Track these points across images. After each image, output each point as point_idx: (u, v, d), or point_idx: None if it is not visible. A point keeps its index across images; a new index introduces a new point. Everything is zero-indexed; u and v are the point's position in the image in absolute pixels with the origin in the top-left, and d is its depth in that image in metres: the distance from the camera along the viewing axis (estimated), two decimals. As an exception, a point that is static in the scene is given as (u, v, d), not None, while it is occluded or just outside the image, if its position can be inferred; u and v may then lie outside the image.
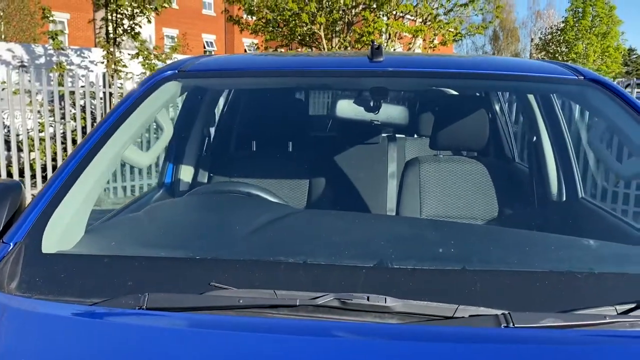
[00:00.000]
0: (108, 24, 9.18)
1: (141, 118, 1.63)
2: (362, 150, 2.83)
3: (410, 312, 1.04)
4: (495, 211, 2.18)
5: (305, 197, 2.39)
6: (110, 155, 1.51)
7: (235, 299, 1.06)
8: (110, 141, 1.52)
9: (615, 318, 1.02)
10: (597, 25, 23.29)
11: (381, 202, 2.58)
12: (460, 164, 2.28)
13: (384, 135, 3.04)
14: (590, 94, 1.67)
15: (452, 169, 2.26)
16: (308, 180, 2.41)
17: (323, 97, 4.08)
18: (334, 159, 2.70)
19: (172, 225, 1.54)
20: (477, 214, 2.19)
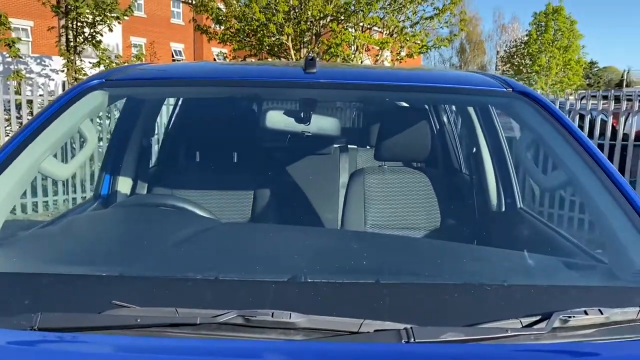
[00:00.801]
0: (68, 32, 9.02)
1: (62, 128, 1.57)
2: (313, 161, 2.81)
3: (315, 328, 1.02)
4: (437, 221, 2.19)
5: (249, 210, 2.35)
6: (24, 166, 1.45)
7: (133, 318, 1.01)
8: (26, 152, 1.46)
9: (518, 331, 1.01)
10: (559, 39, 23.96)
11: (332, 212, 2.57)
12: (404, 175, 2.29)
13: (336, 146, 3.04)
14: (517, 106, 1.68)
15: (396, 180, 2.27)
16: (252, 192, 2.37)
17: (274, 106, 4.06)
18: (283, 169, 2.68)
19: (84, 240, 1.49)
20: (420, 224, 2.20)
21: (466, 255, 1.42)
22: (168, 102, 3.32)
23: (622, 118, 6.62)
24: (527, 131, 1.76)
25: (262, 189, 2.37)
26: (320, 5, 11.81)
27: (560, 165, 1.56)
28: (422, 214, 2.20)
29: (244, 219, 2.32)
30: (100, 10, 8.68)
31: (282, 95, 2.26)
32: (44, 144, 1.51)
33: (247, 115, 2.66)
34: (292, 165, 2.72)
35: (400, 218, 2.20)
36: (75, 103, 1.62)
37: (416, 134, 2.24)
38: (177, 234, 1.43)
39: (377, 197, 2.24)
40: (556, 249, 1.68)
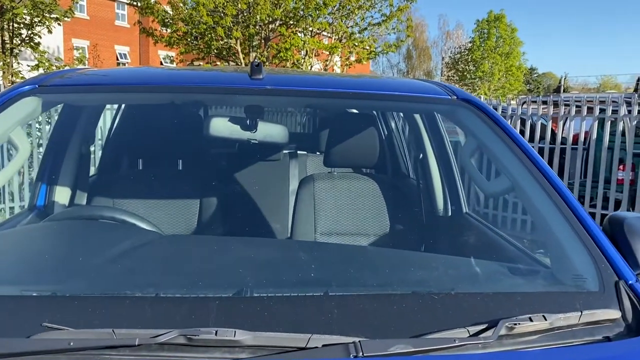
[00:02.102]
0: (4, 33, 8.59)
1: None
2: (262, 167, 2.77)
3: (262, 345, 0.98)
4: (386, 227, 2.19)
5: (195, 219, 2.28)
6: None
7: (65, 342, 0.95)
8: None
9: (466, 340, 1.01)
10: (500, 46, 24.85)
11: (282, 220, 2.53)
12: (354, 181, 2.28)
13: (285, 152, 3.00)
14: (461, 113, 1.71)
15: (345, 186, 2.25)
16: (198, 200, 2.30)
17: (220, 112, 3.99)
18: (230, 177, 2.62)
19: (13, 258, 1.39)
20: (370, 230, 2.19)
21: (415, 264, 1.42)
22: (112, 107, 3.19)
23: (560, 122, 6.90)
24: (470, 138, 1.78)
25: (209, 198, 2.30)
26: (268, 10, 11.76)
27: (503, 171, 1.59)
28: (371, 220, 2.20)
29: (190, 230, 2.25)
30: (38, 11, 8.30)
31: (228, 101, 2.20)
32: None
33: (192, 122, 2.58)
34: (240, 173, 2.66)
35: (350, 224, 2.19)
36: (6, 110, 1.52)
37: (365, 140, 2.24)
38: (115, 248, 1.36)
39: (327, 203, 2.22)
40: (502, 255, 1.71)
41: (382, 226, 2.19)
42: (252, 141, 2.30)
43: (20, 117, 1.58)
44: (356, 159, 2.30)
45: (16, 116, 1.56)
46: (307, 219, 2.20)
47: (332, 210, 2.20)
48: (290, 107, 2.82)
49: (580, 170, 6.80)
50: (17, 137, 1.60)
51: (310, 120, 4.25)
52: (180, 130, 2.37)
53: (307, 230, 2.17)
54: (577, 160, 6.80)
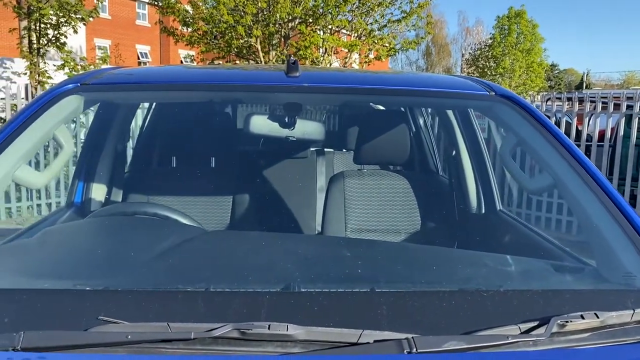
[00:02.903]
0: (31, 34, 8.74)
1: (36, 134, 1.50)
2: (290, 164, 2.78)
3: (313, 340, 0.99)
4: (418, 224, 2.19)
5: (228, 216, 2.31)
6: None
7: (122, 335, 0.97)
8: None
9: (518, 337, 1.01)
10: (521, 42, 24.51)
11: (310, 217, 2.54)
12: (384, 178, 2.28)
13: (313, 150, 3.01)
14: (500, 110, 1.69)
15: (375, 183, 2.25)
16: (231, 197, 2.33)
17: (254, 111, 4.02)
18: (260, 174, 2.64)
19: (64, 252, 1.42)
20: (401, 227, 2.19)
21: (458, 261, 1.42)
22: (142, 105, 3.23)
23: (586, 119, 6.80)
24: (509, 134, 1.77)
25: (241, 194, 2.33)
26: (288, 8, 11.77)
27: (545, 168, 1.58)
28: (402, 218, 2.20)
29: (223, 225, 2.27)
30: (64, 12, 8.43)
31: (265, 99, 2.22)
32: (17, 152, 1.44)
33: (225, 119, 2.61)
34: (269, 170, 2.68)
35: (381, 222, 2.19)
36: (50, 108, 1.56)
37: (396, 137, 2.24)
38: (162, 244, 1.38)
39: (357, 200, 2.22)
40: (542, 252, 1.70)
41: (413, 224, 2.18)
42: (290, 138, 2.31)
43: (63, 115, 1.61)
44: (386, 156, 2.29)
45: (60, 114, 1.59)
46: (337, 216, 2.20)
47: (362, 208, 2.21)
48: (327, 105, 2.83)
49: (606, 168, 6.69)
50: (61, 135, 1.63)
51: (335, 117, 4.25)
52: (213, 128, 2.40)
53: (337, 227, 2.17)
54: (602, 158, 6.70)
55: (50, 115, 1.55)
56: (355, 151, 2.30)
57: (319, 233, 2.29)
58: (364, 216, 2.20)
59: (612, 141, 6.82)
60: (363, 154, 2.25)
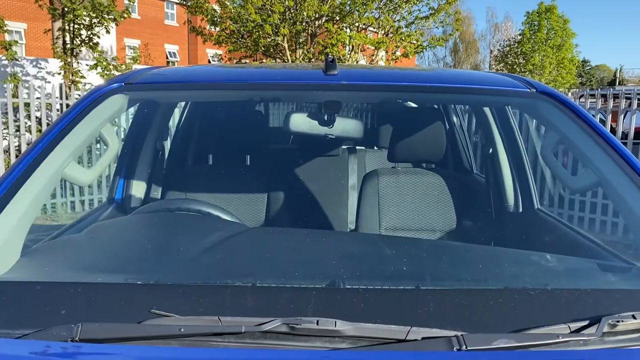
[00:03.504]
0: (65, 34, 8.95)
1: (84, 132, 1.55)
2: (322, 162, 2.80)
3: (362, 336, 1.00)
4: (453, 223, 2.17)
5: (263, 212, 2.33)
6: (49, 172, 1.42)
7: (176, 328, 0.99)
8: (49, 158, 1.43)
9: (568, 337, 1.00)
10: (552, 38, 24.06)
11: (342, 214, 2.55)
12: (418, 176, 2.27)
13: (344, 148, 3.02)
14: (541, 107, 1.67)
15: (410, 181, 2.25)
16: (266, 194, 2.35)
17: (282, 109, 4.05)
18: (293, 172, 2.66)
19: (113, 248, 1.46)
20: (436, 226, 2.18)
21: (502, 259, 1.41)
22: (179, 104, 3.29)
23: (620, 116, 6.64)
24: (551, 132, 1.74)
25: (276, 192, 2.35)
26: (315, 6, 11.79)
27: (589, 166, 1.55)
28: (437, 216, 2.19)
29: (258, 222, 2.30)
30: (97, 12, 8.61)
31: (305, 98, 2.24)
32: (67, 149, 1.48)
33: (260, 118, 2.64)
34: (302, 168, 2.70)
35: (416, 220, 2.19)
36: (96, 107, 1.60)
37: (431, 134, 2.23)
38: (207, 239, 1.41)
39: (391, 198, 2.22)
40: (585, 251, 1.67)
41: (448, 222, 2.17)
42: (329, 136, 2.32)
43: (109, 113, 1.65)
44: (421, 154, 2.28)
45: (106, 113, 1.63)
46: (371, 213, 2.20)
47: (397, 206, 2.20)
48: (365, 102, 2.83)
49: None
50: (107, 133, 1.67)
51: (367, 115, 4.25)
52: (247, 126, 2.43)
53: (371, 225, 2.17)
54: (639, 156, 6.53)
55: (97, 114, 1.59)
56: (390, 149, 2.30)
57: (353, 230, 2.29)
58: (398, 214, 2.20)
59: (648, 138, 6.66)
60: (397, 151, 2.25)
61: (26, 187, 1.35)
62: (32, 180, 1.37)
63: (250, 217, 2.30)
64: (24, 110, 6.73)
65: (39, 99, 6.92)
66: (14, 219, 1.31)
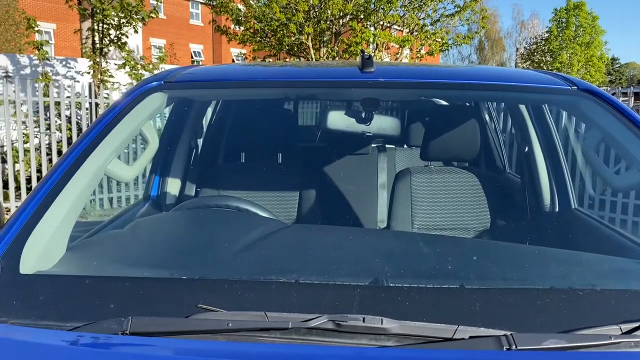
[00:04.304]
0: (94, 34, 9.11)
1: (126, 130, 1.57)
2: (352, 161, 2.79)
3: (408, 334, 1.00)
4: (487, 222, 2.15)
5: (295, 210, 2.34)
6: (93, 168, 1.45)
7: (223, 322, 1.00)
8: (94, 154, 1.46)
9: (620, 338, 0.98)
10: (580, 35, 23.61)
11: (372, 213, 2.54)
12: (452, 175, 2.25)
13: (374, 146, 3.01)
14: (584, 105, 1.64)
15: (443, 180, 2.23)
16: (298, 192, 2.36)
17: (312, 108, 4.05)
18: (324, 170, 2.66)
19: (157, 243, 1.48)
20: (470, 225, 2.16)
21: (547, 258, 1.39)
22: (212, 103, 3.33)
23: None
24: (594, 130, 1.71)
25: (307, 189, 2.36)
26: (340, 4, 11.77)
27: (635, 165, 1.52)
28: (471, 215, 2.16)
29: (290, 219, 2.31)
30: (126, 12, 8.75)
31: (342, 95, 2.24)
32: (109, 146, 1.51)
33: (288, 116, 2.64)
34: (331, 166, 2.70)
35: (449, 219, 2.17)
36: (137, 105, 1.62)
37: (464, 133, 2.20)
38: (248, 235, 1.42)
39: (424, 197, 2.21)
40: (628, 252, 1.64)
41: (482, 222, 2.15)
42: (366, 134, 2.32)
43: (149, 111, 1.67)
44: (454, 152, 2.26)
45: (146, 111, 1.66)
46: (404, 212, 2.19)
47: (429, 204, 2.19)
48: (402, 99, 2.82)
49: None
50: (147, 131, 1.69)
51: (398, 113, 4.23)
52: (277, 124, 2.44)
53: (404, 224, 2.16)
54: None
55: (138, 112, 1.62)
56: (422, 147, 2.28)
57: (384, 229, 2.28)
58: (431, 213, 2.18)
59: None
60: (430, 150, 2.23)
61: (71, 184, 1.38)
62: (77, 177, 1.40)
63: (282, 214, 2.31)
64: (54, 109, 6.87)
65: (68, 97, 7.05)
66: (60, 215, 1.34)
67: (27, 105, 6.70)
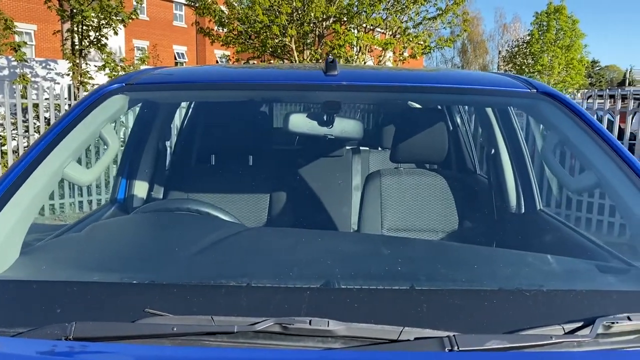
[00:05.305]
0: (74, 36, 9.02)
1: (84, 133, 1.56)
2: (326, 163, 2.80)
3: (354, 336, 1.00)
4: (455, 224, 2.17)
5: (265, 213, 2.34)
6: (49, 172, 1.43)
7: (168, 327, 0.99)
8: (50, 157, 1.44)
9: (561, 338, 0.99)
10: (561, 38, 23.91)
11: (345, 215, 2.55)
12: (421, 177, 2.26)
13: (348, 148, 3.02)
14: (542, 107, 1.66)
15: (412, 182, 2.24)
16: (268, 195, 2.36)
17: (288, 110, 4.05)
18: (296, 172, 2.66)
19: (111, 247, 1.47)
20: (438, 226, 2.18)
21: (499, 259, 1.40)
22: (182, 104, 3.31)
23: (629, 117, 6.58)
24: (552, 132, 1.73)
25: (278, 192, 2.36)
26: (323, 7, 11.80)
27: (590, 167, 1.54)
28: (439, 217, 2.18)
29: (260, 222, 2.30)
30: (105, 14, 8.68)
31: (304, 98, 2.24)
32: (67, 149, 1.49)
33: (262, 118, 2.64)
34: (305, 168, 2.70)
35: (418, 220, 2.18)
36: (97, 107, 1.61)
37: (433, 135, 2.22)
38: (204, 239, 1.42)
39: (394, 199, 2.22)
40: (585, 252, 1.66)
41: (450, 223, 2.17)
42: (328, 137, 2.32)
43: (109, 114, 1.66)
44: (423, 154, 2.28)
45: (106, 113, 1.64)
46: (373, 214, 2.20)
47: (399, 206, 2.20)
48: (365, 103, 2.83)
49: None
50: (107, 134, 1.68)
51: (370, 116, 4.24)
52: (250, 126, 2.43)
53: (373, 226, 2.17)
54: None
55: (97, 114, 1.60)
56: (392, 149, 2.29)
57: (355, 231, 2.29)
58: (401, 215, 2.19)
59: (656, 140, 6.59)
60: (400, 152, 2.24)
61: (25, 186, 1.36)
62: (32, 180, 1.38)
63: (253, 217, 2.31)
64: (32, 111, 6.78)
65: (47, 99, 6.97)
66: (13, 218, 1.32)
67: (4, 107, 6.61)
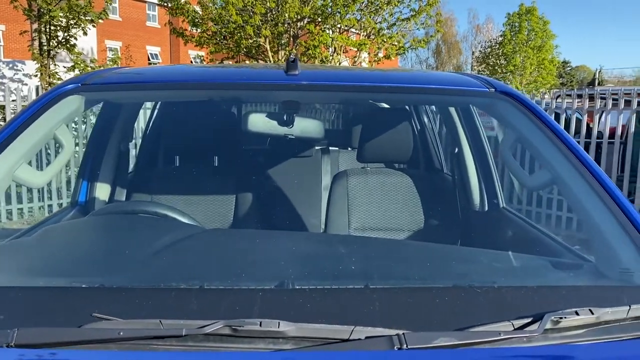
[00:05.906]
0: (41, 36, 8.84)
1: (37, 134, 1.52)
2: (295, 163, 2.79)
3: (305, 336, 0.99)
4: (421, 222, 2.18)
5: (231, 215, 2.32)
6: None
7: (115, 331, 0.97)
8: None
9: (510, 334, 1.00)
10: (532, 39, 24.34)
11: (315, 215, 2.54)
12: (387, 176, 2.27)
13: (317, 149, 3.01)
14: (500, 106, 1.68)
15: (379, 181, 2.25)
16: (234, 196, 2.34)
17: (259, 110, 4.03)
18: (264, 173, 2.64)
19: (62, 251, 1.43)
20: (404, 225, 2.19)
21: (454, 257, 1.41)
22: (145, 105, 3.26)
23: (596, 116, 6.72)
24: (510, 131, 1.76)
25: (244, 193, 2.33)
26: (297, 7, 11.79)
27: (545, 165, 1.56)
28: (406, 215, 2.19)
29: (226, 224, 2.28)
30: (74, 14, 8.52)
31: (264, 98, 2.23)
32: (18, 151, 1.46)
33: (227, 118, 2.62)
34: (273, 169, 2.69)
35: (384, 220, 2.19)
36: (50, 108, 1.57)
37: (399, 135, 2.23)
38: (158, 242, 1.39)
39: (361, 199, 2.22)
40: (542, 249, 1.68)
41: (416, 221, 2.18)
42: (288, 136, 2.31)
43: (64, 115, 1.62)
44: (390, 154, 2.29)
45: (60, 114, 1.61)
46: (340, 213, 2.20)
47: (366, 206, 2.20)
48: (326, 103, 2.83)
49: (617, 165, 6.62)
50: (62, 135, 1.64)
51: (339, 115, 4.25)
52: (215, 126, 2.41)
53: (341, 225, 2.17)
54: (614, 155, 6.62)
55: (51, 115, 1.57)
56: (359, 149, 2.30)
57: (323, 232, 2.29)
58: (368, 214, 2.20)
59: (623, 138, 6.75)
60: (366, 152, 2.25)
61: None
62: None
63: (218, 219, 2.28)
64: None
65: (14, 101, 6.82)
66: None
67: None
